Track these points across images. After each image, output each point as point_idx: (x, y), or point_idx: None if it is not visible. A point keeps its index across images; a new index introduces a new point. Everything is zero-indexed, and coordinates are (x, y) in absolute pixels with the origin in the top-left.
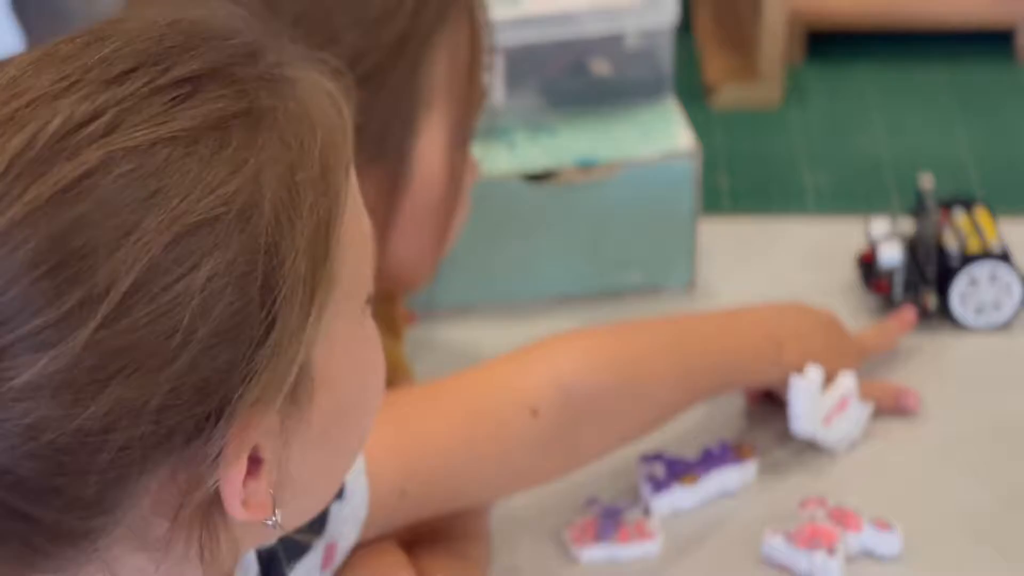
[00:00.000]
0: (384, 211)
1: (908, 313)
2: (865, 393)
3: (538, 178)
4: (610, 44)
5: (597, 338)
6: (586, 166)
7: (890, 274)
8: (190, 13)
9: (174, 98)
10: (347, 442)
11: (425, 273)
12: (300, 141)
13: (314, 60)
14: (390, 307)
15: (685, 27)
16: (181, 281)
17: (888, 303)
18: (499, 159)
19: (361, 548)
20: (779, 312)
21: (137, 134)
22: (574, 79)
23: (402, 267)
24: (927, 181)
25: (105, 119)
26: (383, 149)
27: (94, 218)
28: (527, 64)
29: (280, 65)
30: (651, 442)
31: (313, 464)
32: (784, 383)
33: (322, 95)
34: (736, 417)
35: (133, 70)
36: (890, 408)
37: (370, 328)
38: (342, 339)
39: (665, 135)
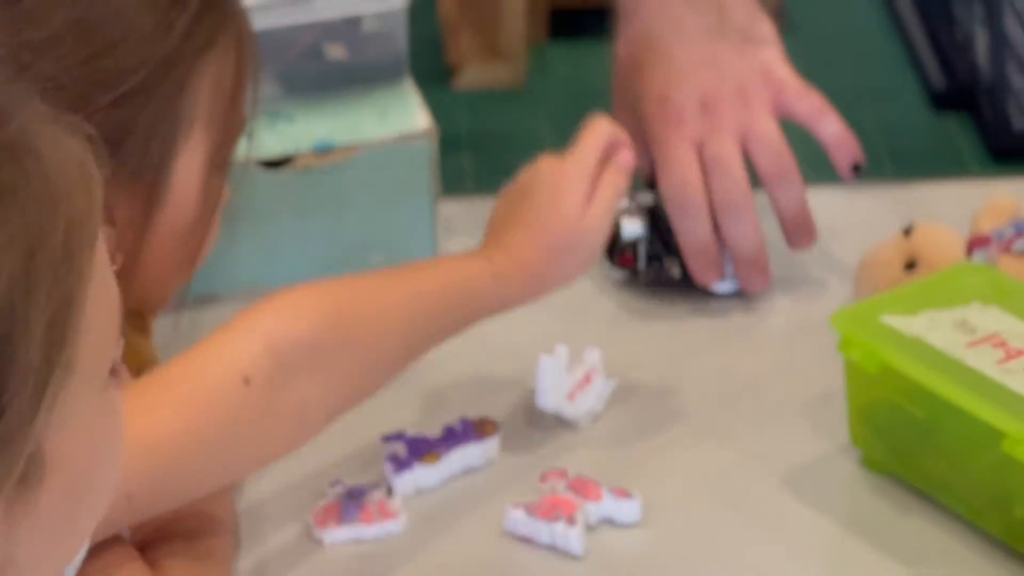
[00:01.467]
0: (137, 229)
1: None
2: None
3: (276, 164)
4: (346, 27)
5: (303, 292)
6: (323, 150)
7: (633, 246)
8: None
9: None
10: (80, 519)
11: (169, 294)
12: (42, 221)
13: (65, 124)
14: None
15: (430, 9)
16: None
17: (633, 275)
18: (237, 148)
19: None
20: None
21: None
22: (310, 64)
23: (148, 287)
24: None
25: None
26: (143, 167)
27: None
28: (263, 51)
29: (27, 133)
30: (392, 421)
31: (40, 544)
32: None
33: (71, 166)
34: (479, 393)
35: None
36: None
37: (111, 400)
38: (78, 420)
39: (402, 117)
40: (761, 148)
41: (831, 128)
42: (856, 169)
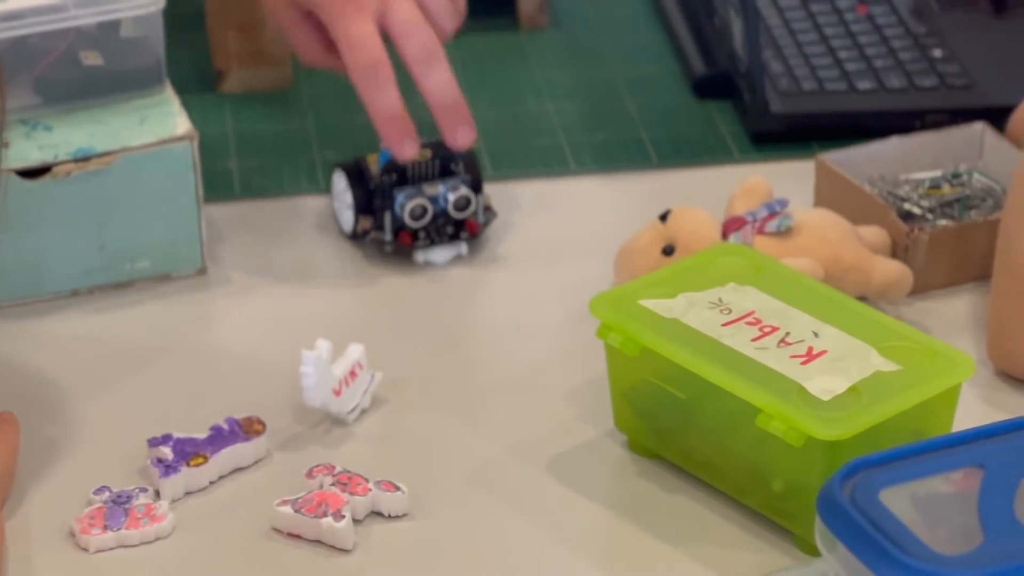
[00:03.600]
0: None
1: None
2: None
3: (35, 174)
4: (103, 33)
5: None
6: (82, 158)
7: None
8: None
9: None
10: None
11: None
12: None
13: None
14: None
15: (196, 15)
16: None
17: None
18: None
19: None
20: None
21: None
22: (67, 72)
23: None
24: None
25: None
26: None
27: None
28: (17, 60)
29: None
30: (158, 424)
31: None
32: None
33: None
34: (245, 393)
35: None
36: None
37: None
38: None
39: (161, 122)
40: (412, 28)
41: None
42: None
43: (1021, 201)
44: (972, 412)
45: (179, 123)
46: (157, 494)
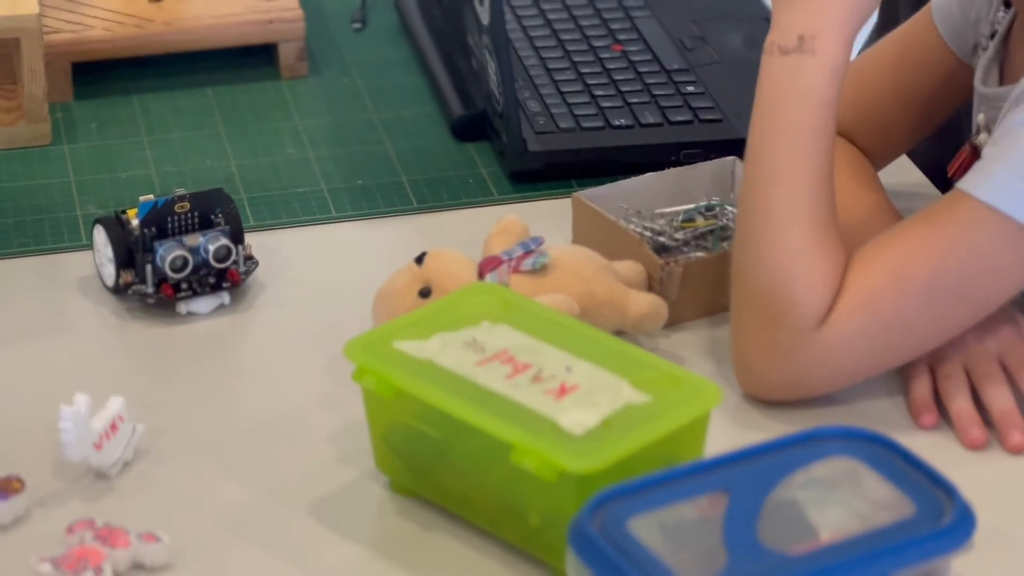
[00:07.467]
0: None
1: None
2: None
3: None
4: None
5: None
6: None
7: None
8: None
9: None
10: None
11: None
12: None
13: None
14: None
15: None
16: None
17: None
18: None
19: None
20: None
21: None
22: None
23: None
24: (178, 192)
25: None
26: None
27: None
28: None
29: None
30: None
31: None
32: None
33: None
34: (3, 451)
35: None
36: None
37: None
38: None
39: None
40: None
41: None
42: None
43: (745, 226)
44: (724, 438)
45: None
46: None
